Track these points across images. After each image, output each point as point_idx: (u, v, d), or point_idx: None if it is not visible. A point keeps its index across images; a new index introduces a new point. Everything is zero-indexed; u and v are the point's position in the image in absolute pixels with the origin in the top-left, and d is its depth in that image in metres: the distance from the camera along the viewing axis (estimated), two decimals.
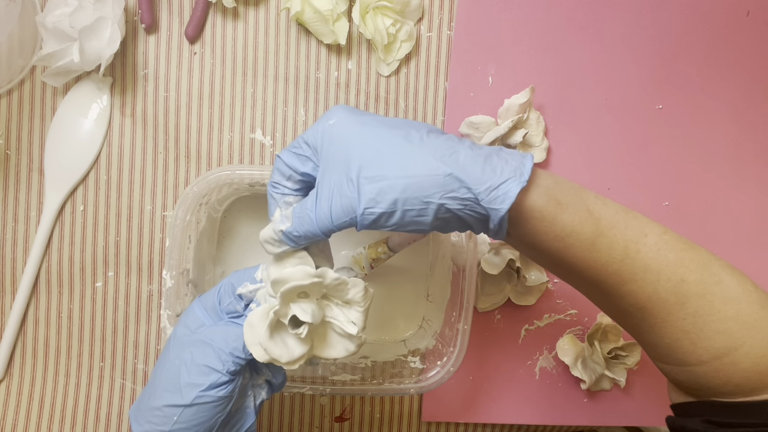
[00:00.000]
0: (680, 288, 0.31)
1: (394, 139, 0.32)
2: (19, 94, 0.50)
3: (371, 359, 0.51)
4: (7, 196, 0.50)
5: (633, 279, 0.32)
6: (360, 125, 0.33)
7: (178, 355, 0.35)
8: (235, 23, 0.51)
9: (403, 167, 0.31)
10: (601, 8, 0.55)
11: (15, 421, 0.50)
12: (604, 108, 0.55)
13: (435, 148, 0.32)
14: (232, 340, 0.35)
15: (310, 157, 0.34)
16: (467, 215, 0.32)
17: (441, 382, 0.46)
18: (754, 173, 0.58)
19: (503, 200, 0.31)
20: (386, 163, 0.31)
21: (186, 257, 0.45)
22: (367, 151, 0.32)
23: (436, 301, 0.52)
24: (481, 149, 0.32)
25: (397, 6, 0.50)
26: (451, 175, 0.31)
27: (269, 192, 0.36)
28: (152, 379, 0.36)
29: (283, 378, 0.40)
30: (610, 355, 0.55)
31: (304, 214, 0.33)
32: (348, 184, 0.31)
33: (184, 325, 0.37)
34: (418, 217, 0.32)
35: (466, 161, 0.31)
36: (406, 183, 0.31)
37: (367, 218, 0.32)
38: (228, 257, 0.52)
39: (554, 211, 0.32)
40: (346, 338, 0.36)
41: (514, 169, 0.31)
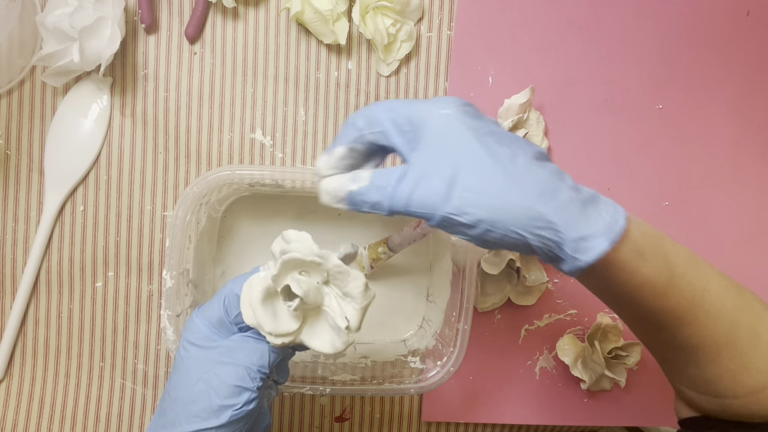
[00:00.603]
0: (732, 331, 0.33)
1: (501, 157, 0.31)
2: (19, 94, 0.50)
3: (371, 359, 0.51)
4: (7, 196, 0.50)
5: (693, 323, 0.33)
6: (473, 129, 0.32)
7: (202, 377, 0.35)
8: (235, 23, 0.51)
9: (500, 190, 0.30)
10: (601, 8, 0.55)
11: (15, 421, 0.50)
12: (604, 108, 0.55)
13: (538, 181, 0.31)
14: (258, 357, 0.35)
15: (407, 133, 0.33)
16: (543, 250, 0.32)
17: (441, 382, 0.46)
18: (754, 173, 0.58)
19: (588, 253, 0.31)
20: (486, 179, 0.31)
21: (186, 257, 0.45)
22: (471, 159, 0.31)
23: (436, 301, 0.52)
24: (581, 192, 0.32)
25: (397, 6, 0.50)
26: (545, 215, 0.30)
27: (346, 127, 0.34)
28: (171, 403, 0.36)
29: (285, 377, 0.40)
30: (610, 355, 0.55)
31: (381, 185, 0.32)
32: (440, 182, 0.31)
33: (194, 343, 0.36)
34: (495, 239, 0.31)
35: (565, 203, 0.31)
36: (499, 208, 0.30)
37: (445, 221, 0.31)
38: (228, 257, 0.52)
39: (635, 263, 0.32)
40: (335, 333, 0.36)
41: (607, 224, 0.31)
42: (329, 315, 0.36)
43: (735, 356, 0.33)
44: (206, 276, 0.50)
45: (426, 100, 0.33)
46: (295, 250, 0.34)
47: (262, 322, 0.34)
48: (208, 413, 0.34)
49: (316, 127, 0.52)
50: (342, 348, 0.36)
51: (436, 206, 0.31)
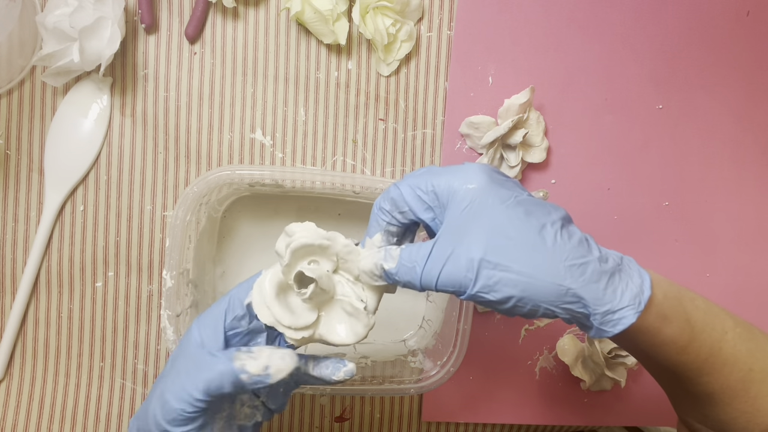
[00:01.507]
0: (748, 376, 0.34)
1: (528, 230, 0.31)
2: (19, 94, 0.50)
3: (371, 359, 0.51)
4: (7, 196, 0.50)
5: (711, 372, 0.34)
6: (499, 202, 0.32)
7: (161, 381, 0.34)
8: (235, 23, 0.51)
9: (529, 265, 0.31)
10: (601, 8, 0.55)
11: (15, 421, 0.50)
12: (604, 108, 0.55)
13: (566, 253, 0.31)
14: (196, 376, 0.33)
15: (434, 209, 0.33)
16: (570, 319, 0.32)
17: (441, 382, 0.46)
18: (754, 173, 0.58)
19: (616, 325, 0.32)
20: (513, 255, 0.31)
21: (186, 257, 0.45)
22: (497, 235, 0.31)
23: (436, 301, 0.52)
24: (607, 262, 0.32)
25: (397, 6, 0.50)
26: (573, 290, 0.31)
27: (375, 214, 0.35)
28: (150, 403, 0.35)
29: (281, 403, 0.38)
30: (610, 355, 0.55)
31: (412, 264, 0.33)
32: (467, 261, 0.31)
33: (177, 347, 0.35)
34: (524, 312, 0.32)
35: (592, 277, 0.31)
36: (527, 283, 0.31)
37: (474, 299, 0.31)
38: (228, 257, 0.52)
39: (659, 326, 0.33)
40: (355, 319, 0.35)
41: (634, 296, 0.32)
42: (344, 302, 0.35)
43: (749, 399, 0.34)
44: (206, 276, 0.50)
45: (450, 171, 0.33)
46: (302, 237, 0.34)
47: (279, 318, 0.33)
48: (156, 427, 0.33)
49: (316, 127, 0.52)
50: (364, 334, 0.35)
51: (463, 285, 0.31)
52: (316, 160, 0.53)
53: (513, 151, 0.53)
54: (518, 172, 0.53)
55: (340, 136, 0.53)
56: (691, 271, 0.57)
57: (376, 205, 0.35)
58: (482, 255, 0.31)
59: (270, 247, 0.51)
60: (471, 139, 0.53)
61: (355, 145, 0.53)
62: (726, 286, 0.58)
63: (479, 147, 0.53)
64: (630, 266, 0.33)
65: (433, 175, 0.33)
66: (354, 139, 0.53)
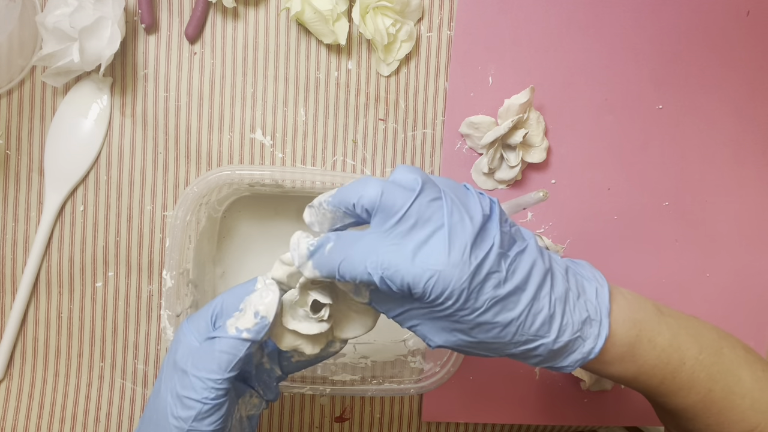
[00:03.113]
0: (708, 396, 0.35)
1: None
2: (19, 94, 0.50)
3: (371, 359, 0.51)
4: (7, 196, 0.50)
5: (667, 394, 0.36)
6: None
7: (166, 386, 0.34)
8: (235, 23, 0.51)
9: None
10: (601, 8, 0.55)
11: (15, 421, 0.50)
12: (604, 108, 0.55)
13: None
14: (205, 361, 0.33)
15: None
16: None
17: (441, 382, 0.46)
18: (754, 173, 0.58)
19: (567, 367, 0.34)
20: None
21: (186, 257, 0.45)
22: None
23: None
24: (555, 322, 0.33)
25: (397, 6, 0.50)
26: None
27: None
28: (145, 412, 0.35)
29: (275, 393, 0.39)
30: None
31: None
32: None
33: (170, 350, 0.35)
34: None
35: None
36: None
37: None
38: (228, 257, 0.52)
39: (600, 368, 0.35)
40: (363, 313, 0.36)
41: (583, 356, 0.33)
42: (348, 301, 0.35)
43: (712, 415, 0.35)
44: (206, 276, 0.50)
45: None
46: (308, 271, 0.34)
47: (305, 330, 0.35)
48: (165, 426, 0.33)
49: (316, 127, 0.52)
50: (373, 324, 0.36)
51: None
52: (316, 160, 0.53)
53: (513, 151, 0.53)
54: (518, 172, 0.53)
55: (340, 136, 0.53)
56: (691, 271, 0.57)
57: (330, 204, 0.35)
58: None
59: (270, 247, 0.52)
60: (471, 139, 0.53)
61: (355, 145, 0.53)
62: (726, 286, 0.58)
63: (479, 147, 0.53)
64: (591, 324, 0.33)
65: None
66: (354, 139, 0.53)
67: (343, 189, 0.33)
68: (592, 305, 0.33)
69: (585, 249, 0.56)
